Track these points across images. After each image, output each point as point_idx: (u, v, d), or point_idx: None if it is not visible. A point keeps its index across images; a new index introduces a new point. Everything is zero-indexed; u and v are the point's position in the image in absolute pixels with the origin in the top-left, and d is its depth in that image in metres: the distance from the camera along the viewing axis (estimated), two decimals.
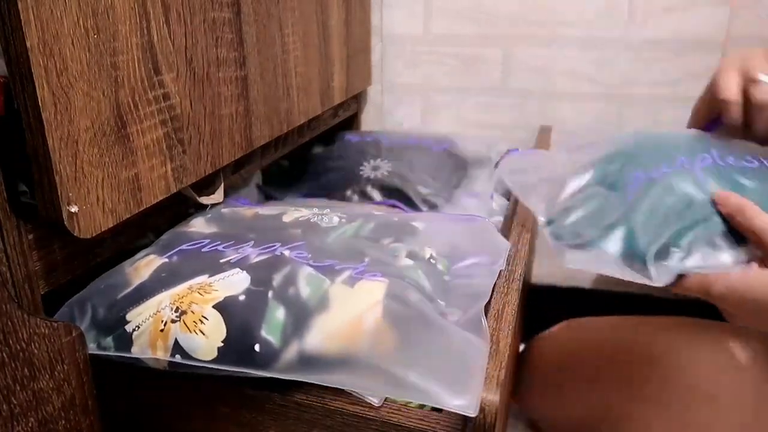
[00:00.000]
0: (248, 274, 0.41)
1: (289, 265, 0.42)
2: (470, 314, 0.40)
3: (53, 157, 0.34)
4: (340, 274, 0.41)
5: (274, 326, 0.37)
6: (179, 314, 0.38)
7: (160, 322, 0.38)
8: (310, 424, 0.39)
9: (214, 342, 0.37)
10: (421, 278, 0.43)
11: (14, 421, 0.35)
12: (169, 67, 0.43)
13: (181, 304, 0.38)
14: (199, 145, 0.48)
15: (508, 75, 0.94)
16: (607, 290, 1.01)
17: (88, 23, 0.35)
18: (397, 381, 0.35)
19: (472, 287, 0.44)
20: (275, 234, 0.48)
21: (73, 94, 0.35)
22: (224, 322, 0.37)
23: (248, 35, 0.54)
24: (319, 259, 0.43)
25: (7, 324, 0.34)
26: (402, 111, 1.01)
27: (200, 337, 0.37)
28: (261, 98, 0.57)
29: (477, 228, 0.51)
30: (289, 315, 0.38)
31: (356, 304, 0.38)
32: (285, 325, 0.37)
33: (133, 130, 0.40)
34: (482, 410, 0.33)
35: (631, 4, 0.86)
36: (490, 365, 0.36)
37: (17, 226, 0.36)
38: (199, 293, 0.39)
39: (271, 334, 0.37)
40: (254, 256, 0.44)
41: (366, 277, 0.41)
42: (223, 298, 0.39)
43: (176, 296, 0.39)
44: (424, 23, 0.95)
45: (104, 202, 0.39)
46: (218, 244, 0.46)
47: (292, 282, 0.40)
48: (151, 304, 0.39)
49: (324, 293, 0.39)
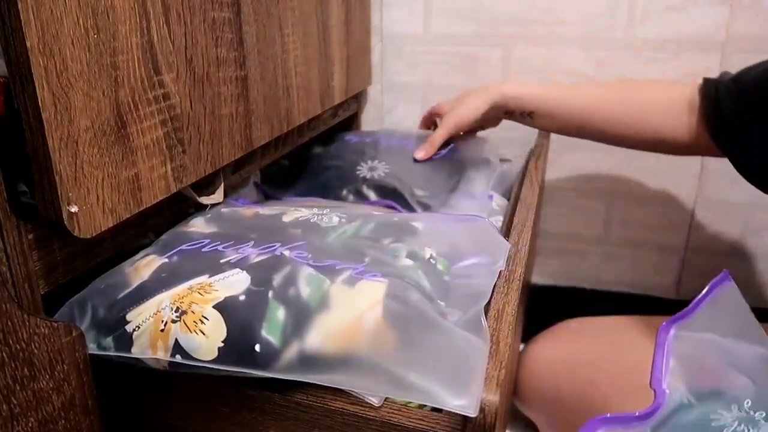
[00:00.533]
0: (248, 274, 0.41)
1: (290, 265, 0.42)
2: (470, 314, 0.40)
3: (53, 157, 0.34)
4: (340, 274, 0.41)
5: (275, 326, 0.37)
6: (179, 314, 0.38)
7: (160, 322, 0.38)
8: (310, 425, 0.39)
9: (214, 342, 0.37)
10: (421, 278, 0.43)
11: (14, 421, 0.35)
12: (169, 67, 0.43)
13: (181, 304, 0.38)
14: (199, 145, 0.48)
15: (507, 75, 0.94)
16: (607, 290, 1.01)
17: (88, 23, 0.35)
18: (397, 381, 0.35)
19: (472, 287, 0.44)
20: (275, 234, 0.48)
21: (73, 94, 0.35)
22: (225, 322, 0.37)
23: (248, 35, 0.54)
24: (320, 259, 0.43)
25: (7, 324, 0.34)
26: (402, 111, 1.01)
27: (200, 337, 0.37)
28: (261, 98, 0.57)
29: (477, 228, 0.51)
30: (290, 315, 0.38)
31: (356, 304, 0.38)
32: (285, 325, 0.37)
33: (133, 130, 0.40)
34: (482, 410, 0.33)
35: (631, 3, 0.86)
36: (490, 365, 0.36)
37: (17, 226, 0.36)
38: (199, 293, 0.39)
39: (272, 334, 0.37)
40: (254, 256, 0.44)
41: (366, 278, 0.41)
42: (224, 298, 0.39)
43: (176, 296, 0.39)
44: (424, 23, 0.95)
45: (104, 202, 0.39)
46: (218, 244, 0.46)
47: (293, 282, 0.40)
48: (152, 304, 0.39)
49: (324, 293, 0.39)
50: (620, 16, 0.86)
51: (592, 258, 1.00)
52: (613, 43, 0.88)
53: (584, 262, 1.01)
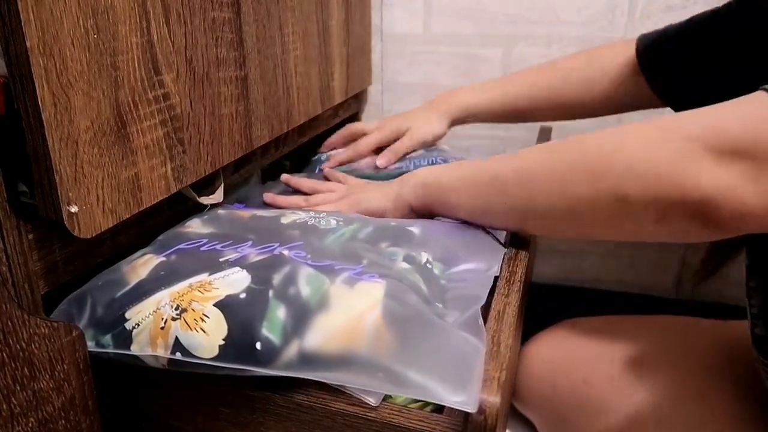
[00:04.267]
0: (248, 273, 0.41)
1: (289, 264, 0.42)
2: (467, 315, 0.40)
3: (53, 157, 0.34)
4: (339, 274, 0.41)
5: (275, 324, 0.37)
6: (179, 312, 0.38)
7: (160, 319, 0.38)
8: (310, 425, 0.39)
9: (215, 340, 0.37)
10: (419, 281, 0.43)
11: (14, 421, 0.35)
12: (169, 67, 0.43)
13: (181, 302, 0.38)
14: (199, 145, 0.48)
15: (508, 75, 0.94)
16: (607, 290, 1.01)
17: (88, 23, 0.35)
18: (396, 378, 0.35)
19: (467, 290, 0.44)
20: (273, 235, 0.48)
21: (73, 94, 0.35)
22: (225, 320, 0.37)
23: (248, 35, 0.53)
24: (318, 259, 0.44)
25: (7, 324, 0.34)
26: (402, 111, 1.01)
27: (201, 335, 0.37)
28: (261, 98, 0.57)
29: (473, 233, 0.52)
30: (290, 314, 0.38)
31: (356, 304, 0.38)
32: (286, 323, 0.37)
33: (133, 130, 0.40)
34: (483, 411, 0.33)
35: (631, 3, 0.85)
36: (491, 366, 0.36)
37: (17, 226, 0.36)
38: (199, 291, 0.39)
39: (272, 333, 0.37)
40: (253, 255, 0.44)
41: (365, 279, 0.41)
42: (224, 297, 0.39)
43: (176, 294, 0.39)
44: (424, 23, 0.95)
45: (104, 202, 0.39)
46: (216, 243, 0.46)
47: (293, 281, 0.40)
48: (151, 302, 0.39)
49: (324, 293, 0.39)
50: (620, 16, 0.86)
51: (592, 258, 1.00)
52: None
53: (584, 262, 1.01)
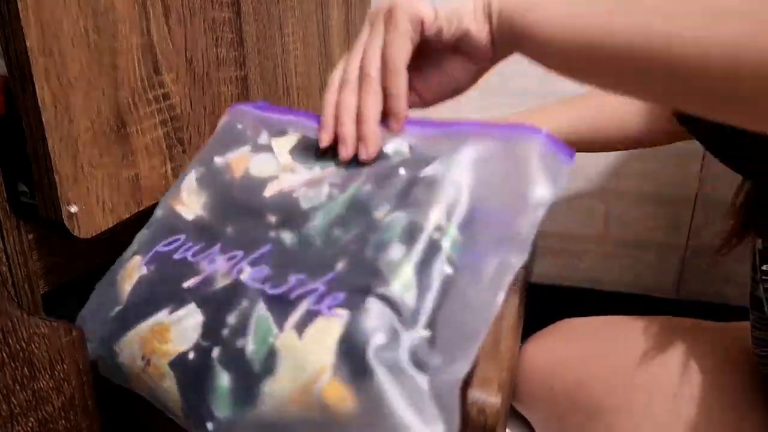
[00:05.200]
0: (202, 313, 0.38)
1: (245, 299, 0.38)
2: (448, 376, 0.32)
3: (53, 157, 0.34)
4: (293, 310, 0.36)
5: (222, 397, 0.36)
6: (145, 363, 0.38)
7: (135, 364, 0.39)
8: None
9: (176, 405, 0.37)
10: (406, 288, 0.34)
11: (14, 421, 0.35)
12: (169, 67, 0.43)
13: (145, 352, 0.39)
14: (199, 145, 0.48)
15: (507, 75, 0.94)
16: (607, 290, 1.01)
17: (88, 23, 0.35)
18: None
19: (470, 308, 0.34)
20: (246, 229, 0.42)
21: (73, 94, 0.35)
22: (178, 388, 0.37)
23: (248, 35, 0.53)
24: (279, 278, 0.38)
25: (7, 324, 0.34)
26: None
27: (166, 393, 0.38)
28: (261, 98, 0.57)
29: (514, 159, 0.37)
30: (235, 382, 0.36)
31: (304, 365, 0.34)
32: (232, 394, 0.36)
33: (132, 130, 0.40)
34: (483, 412, 0.33)
35: None
36: (491, 367, 0.36)
37: (17, 226, 0.36)
38: (158, 341, 0.39)
39: (221, 409, 0.36)
40: (218, 274, 0.40)
41: (324, 310, 0.35)
42: (175, 356, 0.38)
43: (142, 340, 0.39)
44: None
45: (104, 202, 0.39)
46: (190, 246, 0.43)
47: (243, 329, 0.36)
48: (129, 339, 0.40)
49: (270, 348, 0.35)
50: None
51: (592, 258, 1.00)
52: None
53: (584, 262, 1.01)
